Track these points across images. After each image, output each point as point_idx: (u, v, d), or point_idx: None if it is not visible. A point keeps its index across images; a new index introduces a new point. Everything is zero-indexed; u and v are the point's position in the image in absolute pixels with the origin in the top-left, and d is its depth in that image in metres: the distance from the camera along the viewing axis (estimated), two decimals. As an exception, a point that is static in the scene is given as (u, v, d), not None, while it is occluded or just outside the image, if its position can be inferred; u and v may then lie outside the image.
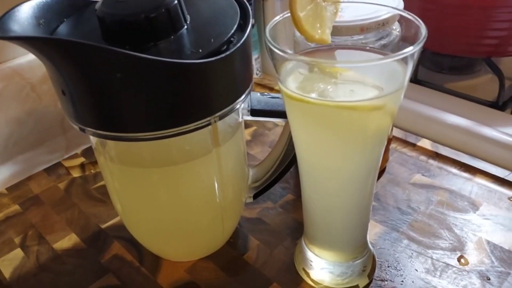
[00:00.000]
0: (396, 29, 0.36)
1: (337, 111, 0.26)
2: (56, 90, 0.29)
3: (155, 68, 0.25)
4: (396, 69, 0.25)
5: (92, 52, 0.24)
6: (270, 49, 0.26)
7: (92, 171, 0.49)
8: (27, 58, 0.50)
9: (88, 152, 0.52)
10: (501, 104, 0.57)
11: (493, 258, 0.36)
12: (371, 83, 0.26)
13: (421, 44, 0.24)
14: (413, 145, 0.49)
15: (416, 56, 0.24)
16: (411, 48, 0.23)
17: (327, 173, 0.30)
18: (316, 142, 0.29)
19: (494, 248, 0.37)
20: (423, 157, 0.47)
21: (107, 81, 0.26)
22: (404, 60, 0.24)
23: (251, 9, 0.61)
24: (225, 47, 0.28)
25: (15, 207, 0.45)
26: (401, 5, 0.37)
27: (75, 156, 0.52)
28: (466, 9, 0.54)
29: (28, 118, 0.52)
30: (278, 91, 0.61)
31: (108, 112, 0.27)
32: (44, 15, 0.30)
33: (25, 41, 0.25)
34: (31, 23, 0.29)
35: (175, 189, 0.33)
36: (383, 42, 0.36)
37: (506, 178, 0.43)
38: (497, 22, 0.54)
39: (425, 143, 0.49)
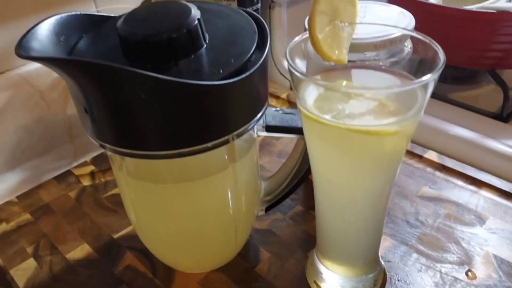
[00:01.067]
0: (408, 46, 0.36)
1: (352, 134, 0.26)
2: (77, 107, 0.29)
3: (178, 89, 0.26)
4: (415, 94, 0.25)
5: (117, 74, 0.25)
6: (290, 71, 0.27)
7: (102, 179, 0.50)
8: (36, 65, 0.51)
9: (98, 160, 0.53)
10: (505, 116, 0.58)
11: (500, 273, 0.36)
12: (390, 106, 0.26)
13: (442, 70, 0.24)
14: (419, 157, 0.49)
15: (436, 80, 0.25)
16: (429, 75, 0.24)
17: (342, 190, 0.31)
18: (331, 161, 0.30)
19: (502, 262, 0.37)
20: (429, 169, 0.48)
21: (129, 101, 0.26)
22: (425, 86, 0.24)
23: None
24: (244, 67, 0.28)
25: (27, 216, 0.46)
26: (412, 22, 0.38)
27: (84, 164, 0.52)
28: (471, 22, 0.55)
29: (37, 125, 0.52)
30: (284, 100, 0.62)
31: (129, 130, 0.28)
32: (64, 31, 0.30)
33: (49, 62, 0.26)
34: (52, 40, 0.29)
35: (191, 204, 0.33)
36: (395, 59, 0.36)
37: (511, 191, 0.44)
38: (502, 35, 0.54)
39: (431, 155, 0.49)
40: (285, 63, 0.66)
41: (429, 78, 0.24)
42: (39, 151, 0.53)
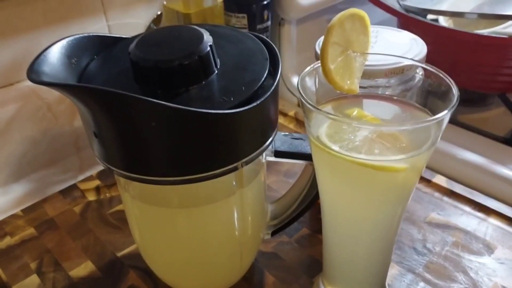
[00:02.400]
0: (419, 73, 0.36)
1: (360, 167, 0.26)
2: (87, 131, 0.29)
3: (189, 118, 0.25)
4: (429, 129, 0.25)
5: (128, 101, 0.25)
6: (301, 101, 0.27)
7: (107, 194, 0.50)
8: (45, 78, 0.51)
9: (103, 175, 0.53)
10: (514, 140, 0.57)
11: (509, 306, 0.36)
12: (402, 140, 0.26)
13: (456, 106, 0.24)
14: (428, 181, 0.49)
15: (450, 116, 0.24)
16: (444, 112, 0.23)
17: (350, 220, 0.30)
18: (340, 192, 0.29)
19: (510, 294, 0.37)
20: (437, 194, 0.47)
21: (139, 128, 0.26)
22: (439, 122, 0.24)
23: (267, 36, 0.62)
24: (255, 94, 0.28)
25: (31, 230, 0.46)
26: (424, 49, 0.38)
27: (90, 178, 0.52)
28: (482, 46, 0.54)
29: (43, 137, 0.53)
30: (291, 117, 0.62)
31: (138, 156, 0.27)
32: (76, 53, 0.30)
33: (60, 88, 0.26)
34: (64, 63, 0.29)
35: (197, 228, 0.33)
36: (406, 86, 0.36)
37: (520, 220, 0.43)
38: (513, 60, 0.54)
39: (439, 180, 0.49)
40: (294, 80, 0.67)
41: (444, 115, 0.23)
42: (44, 163, 0.53)
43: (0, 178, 0.50)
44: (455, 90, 0.25)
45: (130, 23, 0.56)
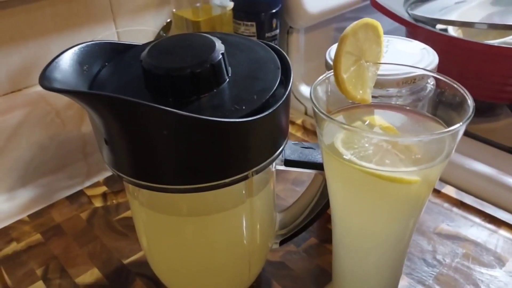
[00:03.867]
0: (431, 83, 0.36)
1: (372, 177, 0.26)
2: (97, 138, 0.29)
3: (201, 126, 0.25)
4: (443, 141, 0.25)
5: (140, 109, 0.24)
6: (314, 111, 0.27)
7: (114, 201, 0.50)
8: (54, 84, 0.51)
9: (110, 181, 0.52)
10: (524, 151, 0.56)
11: (521, 320, 0.35)
12: (415, 151, 0.26)
13: (471, 117, 0.24)
14: (437, 192, 0.48)
15: (465, 127, 0.24)
16: (459, 124, 0.23)
17: (361, 231, 0.30)
18: (351, 203, 0.29)
19: (522, 308, 0.36)
20: (447, 205, 0.47)
21: (151, 136, 0.26)
22: (454, 134, 0.24)
23: (276, 43, 0.62)
24: (267, 103, 0.28)
25: (37, 236, 0.45)
26: (436, 59, 0.38)
27: (97, 184, 0.52)
28: (492, 56, 0.54)
29: (51, 143, 0.53)
30: (299, 125, 0.62)
31: (148, 163, 0.27)
32: (88, 60, 0.30)
33: (72, 94, 0.25)
34: (76, 70, 0.29)
35: (205, 237, 0.33)
36: (417, 96, 0.36)
37: (531, 232, 0.43)
38: (522, 70, 0.54)
39: (449, 190, 0.48)
40: (302, 89, 0.66)
41: (460, 126, 0.23)
42: (52, 168, 0.53)
43: (7, 183, 0.50)
44: (470, 101, 0.25)
45: (139, 30, 0.56)
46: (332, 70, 0.28)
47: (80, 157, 0.55)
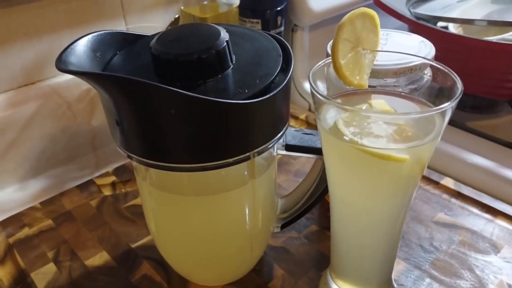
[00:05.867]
0: (427, 74, 0.37)
1: (368, 157, 0.27)
2: (109, 119, 0.31)
3: (206, 107, 0.27)
4: (433, 120, 0.26)
5: (150, 90, 0.26)
6: (312, 93, 0.28)
7: (122, 190, 0.51)
8: (65, 77, 0.53)
9: (119, 171, 0.54)
10: (523, 146, 0.57)
11: (514, 302, 0.36)
12: (408, 131, 0.27)
13: (459, 98, 0.25)
14: (436, 183, 0.50)
15: (453, 108, 0.26)
16: (447, 103, 0.25)
17: (358, 210, 0.31)
18: (349, 181, 0.31)
19: (516, 292, 0.37)
20: (445, 196, 0.48)
21: (159, 116, 0.28)
22: (442, 113, 0.25)
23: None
24: (268, 88, 0.30)
25: (49, 222, 0.47)
26: (432, 51, 0.39)
27: (106, 174, 0.54)
28: (491, 53, 0.55)
29: (62, 135, 0.54)
30: (303, 120, 0.63)
31: (157, 143, 0.29)
32: (101, 48, 0.32)
33: (86, 76, 0.27)
34: (89, 56, 0.31)
35: (210, 217, 0.34)
36: (414, 86, 0.37)
37: (527, 221, 0.44)
38: (522, 66, 0.55)
39: (447, 182, 0.50)
40: (305, 86, 0.68)
41: (447, 106, 0.25)
42: (62, 160, 0.55)
43: (19, 174, 0.52)
44: (459, 84, 0.27)
45: (148, 27, 0.58)
46: (330, 57, 0.29)
47: (89, 149, 0.57)
